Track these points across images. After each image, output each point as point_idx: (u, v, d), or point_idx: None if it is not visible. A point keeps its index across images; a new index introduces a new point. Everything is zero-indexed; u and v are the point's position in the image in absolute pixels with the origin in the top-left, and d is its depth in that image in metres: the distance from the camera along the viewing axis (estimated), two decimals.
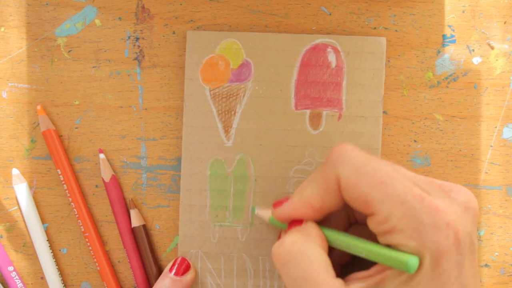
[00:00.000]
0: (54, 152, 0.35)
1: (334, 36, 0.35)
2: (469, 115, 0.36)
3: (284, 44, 0.35)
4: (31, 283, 0.36)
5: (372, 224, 0.26)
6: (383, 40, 0.34)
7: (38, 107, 0.35)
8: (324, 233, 0.29)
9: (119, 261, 0.36)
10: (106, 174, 0.35)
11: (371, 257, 0.26)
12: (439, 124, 0.36)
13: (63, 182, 0.35)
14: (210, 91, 0.35)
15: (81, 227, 0.35)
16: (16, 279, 0.35)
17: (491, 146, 0.36)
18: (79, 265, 0.36)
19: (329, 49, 0.35)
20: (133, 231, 0.35)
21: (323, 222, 0.30)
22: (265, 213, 0.33)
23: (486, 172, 0.36)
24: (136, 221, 0.35)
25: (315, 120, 0.34)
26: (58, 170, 0.35)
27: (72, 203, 0.35)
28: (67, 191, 0.35)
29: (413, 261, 0.24)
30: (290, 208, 0.29)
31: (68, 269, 0.36)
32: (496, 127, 0.36)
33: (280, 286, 0.34)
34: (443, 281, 0.24)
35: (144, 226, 0.35)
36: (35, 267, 0.36)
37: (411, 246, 0.24)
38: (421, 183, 0.26)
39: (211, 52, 0.35)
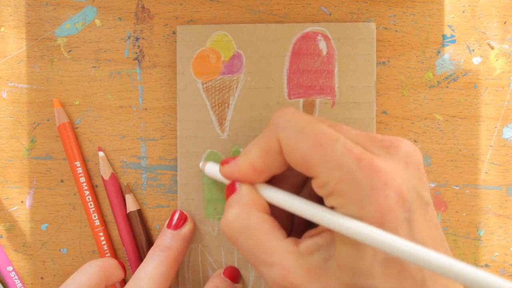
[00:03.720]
0: (72, 145, 0.35)
1: (324, 23, 0.35)
2: (469, 115, 0.36)
3: (275, 34, 0.35)
4: (31, 283, 0.36)
5: (315, 187, 0.26)
6: (373, 25, 0.34)
7: (54, 100, 0.35)
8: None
9: None
10: (106, 172, 0.35)
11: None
12: (439, 124, 0.36)
13: (81, 175, 0.35)
14: (202, 84, 0.35)
15: (96, 220, 0.35)
16: (16, 279, 0.35)
17: (491, 146, 0.36)
18: (79, 265, 0.36)
19: (319, 37, 0.35)
20: (128, 216, 0.35)
21: (279, 179, 0.30)
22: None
23: (486, 172, 0.36)
24: (131, 206, 0.35)
25: (309, 108, 0.35)
26: (77, 163, 0.35)
27: (89, 196, 0.35)
28: (84, 183, 0.35)
29: None
30: (235, 168, 0.29)
31: (68, 269, 0.36)
32: (496, 127, 0.36)
33: None
34: None
35: (139, 211, 0.35)
36: (35, 267, 0.36)
37: (351, 209, 0.24)
38: (363, 141, 0.26)
39: (201, 46, 0.35)
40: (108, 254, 0.35)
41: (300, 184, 0.31)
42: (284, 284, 0.26)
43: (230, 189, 0.29)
